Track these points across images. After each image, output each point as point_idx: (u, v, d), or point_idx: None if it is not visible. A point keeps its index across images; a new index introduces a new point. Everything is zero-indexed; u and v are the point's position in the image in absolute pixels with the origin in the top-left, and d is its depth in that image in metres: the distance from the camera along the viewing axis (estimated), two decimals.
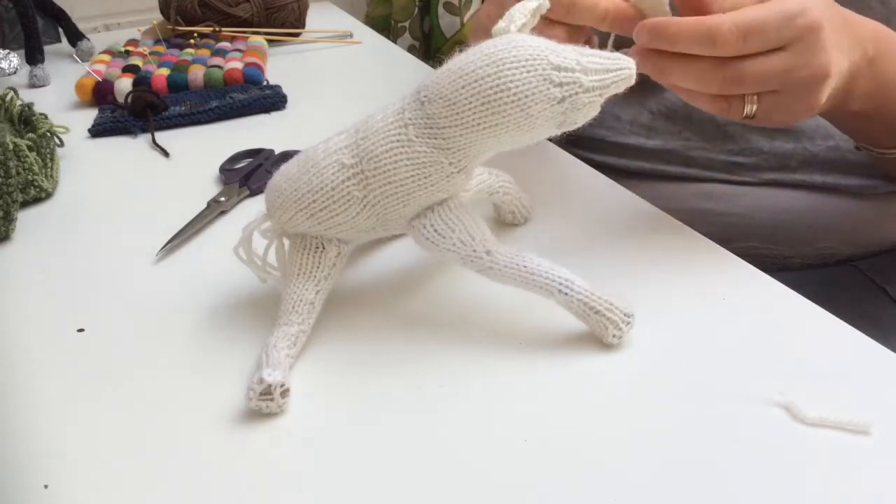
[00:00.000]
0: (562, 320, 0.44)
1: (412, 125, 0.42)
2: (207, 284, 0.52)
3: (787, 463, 0.37)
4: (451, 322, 0.47)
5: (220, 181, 0.66)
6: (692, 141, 0.71)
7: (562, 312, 0.43)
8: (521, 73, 0.39)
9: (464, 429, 0.39)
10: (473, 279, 0.44)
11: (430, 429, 0.39)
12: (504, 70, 0.39)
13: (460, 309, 0.48)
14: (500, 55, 0.40)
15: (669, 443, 0.38)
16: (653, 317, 0.46)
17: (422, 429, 0.39)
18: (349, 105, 0.83)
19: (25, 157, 0.62)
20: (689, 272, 0.50)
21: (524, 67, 0.39)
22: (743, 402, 0.40)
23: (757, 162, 0.68)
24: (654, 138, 0.72)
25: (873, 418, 0.38)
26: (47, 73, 0.93)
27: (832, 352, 0.44)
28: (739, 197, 0.52)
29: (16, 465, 0.39)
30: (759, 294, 0.48)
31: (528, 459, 0.37)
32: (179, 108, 0.80)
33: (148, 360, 0.45)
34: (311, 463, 0.38)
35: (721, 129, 0.69)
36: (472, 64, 0.40)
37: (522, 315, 0.46)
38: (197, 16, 1.02)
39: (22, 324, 0.49)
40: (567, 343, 0.44)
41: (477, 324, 0.46)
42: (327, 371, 0.43)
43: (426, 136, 0.42)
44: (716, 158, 0.70)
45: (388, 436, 0.39)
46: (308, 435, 0.39)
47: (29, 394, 0.43)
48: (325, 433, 0.39)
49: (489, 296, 0.47)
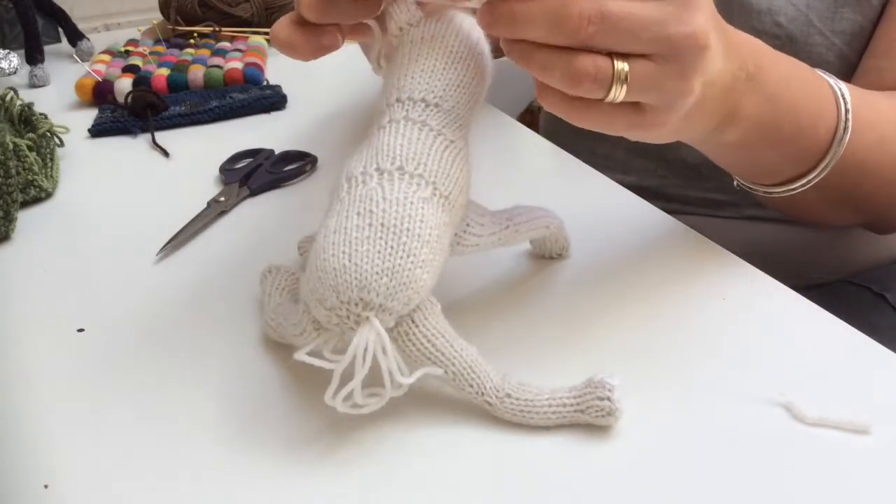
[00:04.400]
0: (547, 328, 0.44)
1: (445, 128, 0.40)
2: (207, 284, 0.52)
3: (787, 463, 0.37)
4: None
5: (220, 181, 0.66)
6: (668, 178, 0.71)
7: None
8: (478, 32, 0.42)
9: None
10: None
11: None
12: (472, 36, 0.42)
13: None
14: (457, 29, 0.42)
15: (669, 442, 0.38)
16: (653, 317, 0.46)
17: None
18: (349, 105, 0.83)
19: (25, 157, 0.62)
20: (689, 272, 0.50)
21: (478, 30, 0.42)
22: (743, 402, 0.40)
23: (734, 199, 0.68)
24: (631, 174, 0.72)
25: (873, 418, 0.38)
26: (47, 73, 0.93)
27: (832, 352, 0.44)
28: (723, 230, 0.50)
29: (16, 465, 0.39)
30: (759, 294, 0.48)
31: (527, 455, 0.37)
32: (179, 108, 0.80)
33: (148, 360, 0.45)
34: (312, 463, 0.38)
35: (695, 168, 0.68)
36: (445, 47, 0.41)
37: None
38: (197, 16, 1.02)
39: (22, 324, 0.49)
40: (562, 343, 0.44)
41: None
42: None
43: (457, 128, 0.41)
44: (694, 195, 0.70)
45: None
46: (305, 435, 0.39)
47: (29, 394, 0.43)
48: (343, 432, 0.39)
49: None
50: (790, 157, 0.51)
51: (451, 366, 0.38)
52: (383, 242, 0.36)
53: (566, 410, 0.38)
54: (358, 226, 0.37)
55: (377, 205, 0.37)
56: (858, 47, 0.61)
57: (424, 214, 0.37)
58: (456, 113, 0.41)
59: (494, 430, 0.39)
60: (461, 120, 0.41)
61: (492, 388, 0.38)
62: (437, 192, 0.39)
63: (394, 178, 0.38)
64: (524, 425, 0.38)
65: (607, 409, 0.37)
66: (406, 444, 0.38)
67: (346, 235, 0.37)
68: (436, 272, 0.38)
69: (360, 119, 0.79)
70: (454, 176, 0.40)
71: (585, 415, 0.38)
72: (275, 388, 0.42)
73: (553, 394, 0.38)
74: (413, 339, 0.38)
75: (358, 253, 0.36)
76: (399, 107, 0.40)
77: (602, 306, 0.47)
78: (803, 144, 0.51)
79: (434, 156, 0.39)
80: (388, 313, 0.36)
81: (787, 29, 0.60)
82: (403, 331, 0.38)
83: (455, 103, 0.41)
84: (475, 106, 0.42)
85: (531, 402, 0.38)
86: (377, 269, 0.36)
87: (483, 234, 0.43)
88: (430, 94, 0.40)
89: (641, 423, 0.39)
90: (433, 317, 0.38)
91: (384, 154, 0.39)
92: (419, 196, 0.38)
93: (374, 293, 0.36)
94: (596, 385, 0.38)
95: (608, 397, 0.37)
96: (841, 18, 0.60)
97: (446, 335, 0.39)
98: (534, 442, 0.38)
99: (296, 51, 0.42)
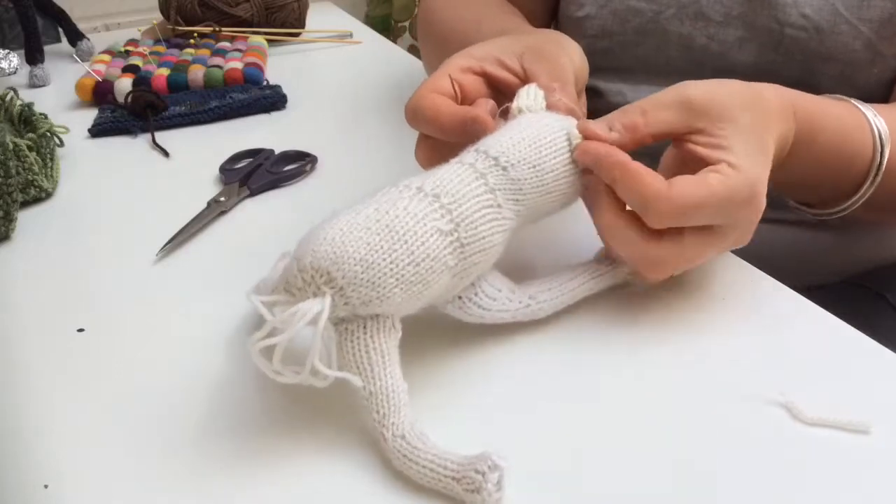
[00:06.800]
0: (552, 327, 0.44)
1: (499, 191, 0.41)
2: (207, 284, 0.52)
3: (787, 463, 0.37)
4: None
5: (220, 181, 0.66)
6: None
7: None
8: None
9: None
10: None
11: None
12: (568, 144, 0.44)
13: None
14: (560, 128, 0.44)
15: (669, 442, 0.38)
16: (653, 317, 0.46)
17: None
18: (349, 105, 0.83)
19: (25, 157, 0.62)
20: (690, 272, 0.50)
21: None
22: (743, 402, 0.40)
23: None
24: None
25: (873, 418, 0.38)
26: (47, 73, 0.92)
27: (832, 352, 0.44)
28: None
29: (16, 465, 0.39)
30: (759, 294, 0.48)
31: (527, 453, 0.37)
32: (179, 108, 0.80)
33: (148, 360, 0.45)
34: (314, 462, 0.38)
35: None
36: (547, 133, 0.43)
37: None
38: (197, 16, 1.02)
39: (22, 323, 0.49)
40: (563, 344, 0.44)
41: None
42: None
43: (511, 203, 0.42)
44: None
45: None
46: (306, 433, 0.39)
47: (29, 394, 0.43)
48: (311, 427, 0.39)
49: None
50: (827, 192, 0.54)
51: (372, 384, 0.37)
52: (378, 239, 0.37)
53: (444, 473, 0.35)
54: (369, 217, 0.38)
55: (395, 208, 0.38)
56: (887, 35, 0.61)
57: (430, 241, 0.38)
58: (519, 187, 0.42)
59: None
60: (521, 197, 0.42)
61: (393, 423, 0.37)
62: (457, 235, 0.39)
63: (426, 199, 0.39)
64: (402, 473, 0.37)
65: (477, 484, 0.34)
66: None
67: (355, 218, 0.38)
68: (411, 298, 0.38)
69: (360, 119, 0.79)
70: (481, 233, 0.40)
71: (459, 484, 0.35)
72: (275, 387, 0.42)
73: (441, 455, 0.36)
74: (354, 341, 0.38)
75: (353, 235, 0.37)
76: (474, 154, 0.42)
77: (602, 306, 0.47)
78: (839, 184, 0.53)
79: (473, 205, 0.40)
80: (345, 301, 0.37)
81: (813, 20, 0.61)
82: (351, 329, 0.38)
83: (523, 178, 0.42)
84: (544, 200, 0.43)
85: (418, 451, 0.36)
86: (357, 257, 0.37)
87: (491, 309, 0.43)
88: (504, 156, 0.42)
89: (641, 422, 0.39)
90: (384, 335, 0.38)
91: (431, 180, 0.40)
92: (435, 225, 0.38)
93: (341, 275, 0.36)
94: (481, 458, 0.35)
95: (483, 473, 0.34)
96: (869, 6, 0.60)
97: (385, 358, 0.38)
98: (535, 441, 0.38)
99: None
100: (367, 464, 0.37)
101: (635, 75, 0.69)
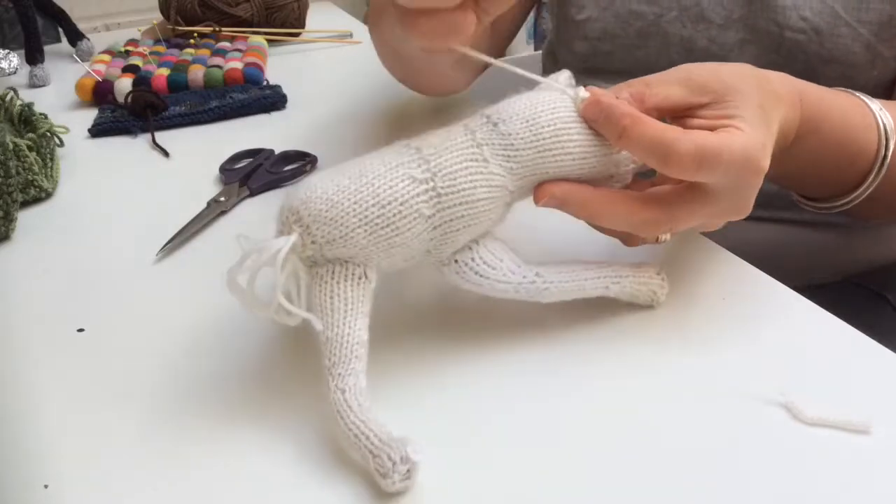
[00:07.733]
0: (553, 325, 0.44)
1: (486, 145, 0.41)
2: (207, 284, 0.52)
3: (787, 463, 0.37)
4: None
5: (220, 181, 0.66)
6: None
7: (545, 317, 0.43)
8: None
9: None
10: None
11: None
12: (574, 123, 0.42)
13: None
14: (566, 107, 0.42)
15: (669, 442, 0.38)
16: (652, 316, 0.46)
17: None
18: (349, 105, 0.83)
19: (25, 157, 0.62)
20: (690, 272, 0.50)
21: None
22: (743, 401, 0.40)
23: None
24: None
25: (873, 418, 0.38)
26: (47, 73, 0.93)
27: (832, 352, 0.44)
28: (723, 231, 0.51)
29: (16, 465, 0.39)
30: (759, 294, 0.48)
31: (527, 456, 0.37)
32: (179, 108, 0.80)
33: (148, 360, 0.45)
34: (315, 461, 0.38)
35: None
36: (547, 94, 0.42)
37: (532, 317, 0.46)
38: (197, 16, 1.02)
39: (22, 323, 0.49)
40: (564, 344, 0.44)
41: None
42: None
43: (501, 158, 0.41)
44: None
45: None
46: (307, 431, 0.39)
47: (29, 394, 0.43)
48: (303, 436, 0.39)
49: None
50: (832, 185, 0.54)
51: (329, 331, 0.38)
52: (348, 182, 0.39)
53: (363, 443, 0.35)
54: (349, 165, 0.40)
55: (374, 158, 0.40)
56: (886, 37, 0.61)
57: (399, 185, 0.39)
58: (510, 142, 0.41)
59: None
60: (513, 153, 0.41)
61: (339, 374, 0.37)
62: (433, 184, 0.39)
63: (408, 150, 0.40)
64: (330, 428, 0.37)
65: (386, 469, 0.34)
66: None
67: (339, 167, 0.40)
68: (379, 241, 0.39)
69: (360, 119, 0.79)
70: (460, 185, 0.40)
71: (373, 461, 0.35)
72: (276, 387, 0.42)
73: (367, 423, 0.36)
74: (321, 286, 0.39)
75: (327, 179, 0.39)
76: (479, 118, 0.42)
77: (600, 305, 0.47)
78: (843, 177, 0.53)
79: (454, 157, 0.40)
80: (311, 239, 0.38)
81: (812, 22, 0.61)
82: (321, 273, 0.39)
83: (514, 133, 0.41)
84: (544, 158, 0.41)
85: (349, 412, 0.36)
86: (325, 197, 0.38)
87: (490, 277, 0.42)
88: (496, 113, 0.42)
89: (641, 422, 0.39)
90: (352, 283, 0.39)
91: (424, 136, 0.41)
92: (407, 172, 0.39)
93: (307, 212, 0.38)
94: (397, 447, 0.35)
95: (395, 462, 0.34)
96: (868, 8, 0.60)
97: (348, 306, 0.39)
98: (534, 444, 0.38)
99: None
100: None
101: (636, 78, 0.69)
